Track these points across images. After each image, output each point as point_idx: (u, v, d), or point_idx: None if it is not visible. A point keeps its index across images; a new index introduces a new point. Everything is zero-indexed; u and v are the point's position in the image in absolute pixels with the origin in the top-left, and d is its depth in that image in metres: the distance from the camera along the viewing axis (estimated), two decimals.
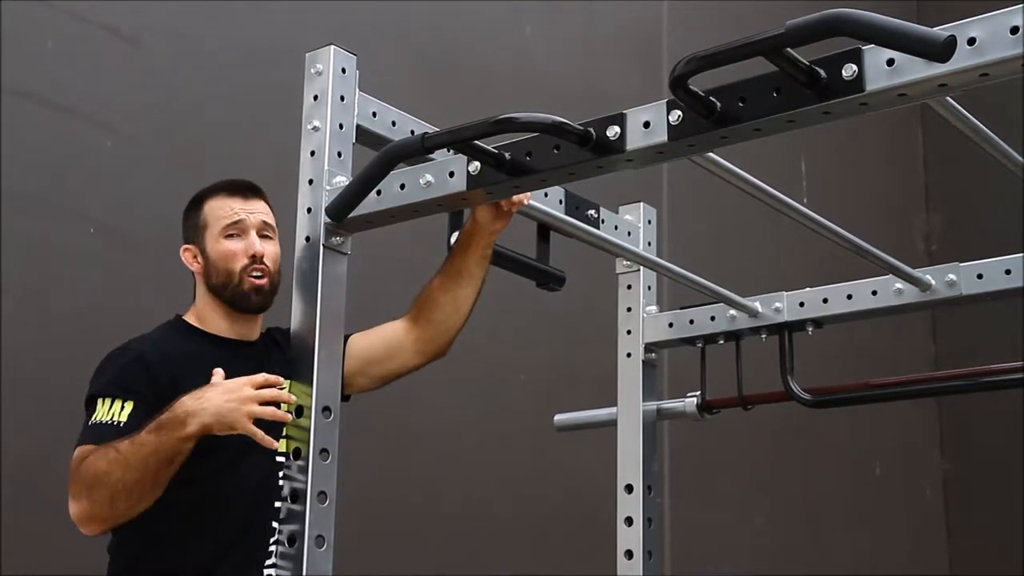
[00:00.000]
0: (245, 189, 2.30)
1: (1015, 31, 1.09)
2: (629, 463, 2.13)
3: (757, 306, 2.14)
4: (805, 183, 5.48)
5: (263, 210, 2.29)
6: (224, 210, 2.26)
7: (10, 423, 2.89)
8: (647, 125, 1.31)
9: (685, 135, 1.28)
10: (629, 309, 2.23)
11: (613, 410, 2.21)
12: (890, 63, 1.15)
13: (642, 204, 2.24)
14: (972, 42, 1.11)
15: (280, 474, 2.10)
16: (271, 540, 2.15)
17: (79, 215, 3.15)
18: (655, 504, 2.11)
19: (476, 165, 1.43)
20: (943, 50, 1.08)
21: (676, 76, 1.21)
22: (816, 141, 5.47)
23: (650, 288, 2.24)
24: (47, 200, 3.10)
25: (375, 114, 1.68)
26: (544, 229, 1.99)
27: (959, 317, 5.81)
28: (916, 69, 1.14)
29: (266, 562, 2.15)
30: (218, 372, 2.01)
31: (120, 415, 2.05)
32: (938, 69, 1.12)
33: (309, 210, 1.56)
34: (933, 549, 5.82)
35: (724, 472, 4.84)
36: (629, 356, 2.21)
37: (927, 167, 6.29)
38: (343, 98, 1.60)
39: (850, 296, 2.08)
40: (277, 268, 2.27)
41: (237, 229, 2.25)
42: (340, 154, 1.58)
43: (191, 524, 2.12)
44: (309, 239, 1.54)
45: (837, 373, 3.16)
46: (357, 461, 2.10)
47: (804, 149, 5.51)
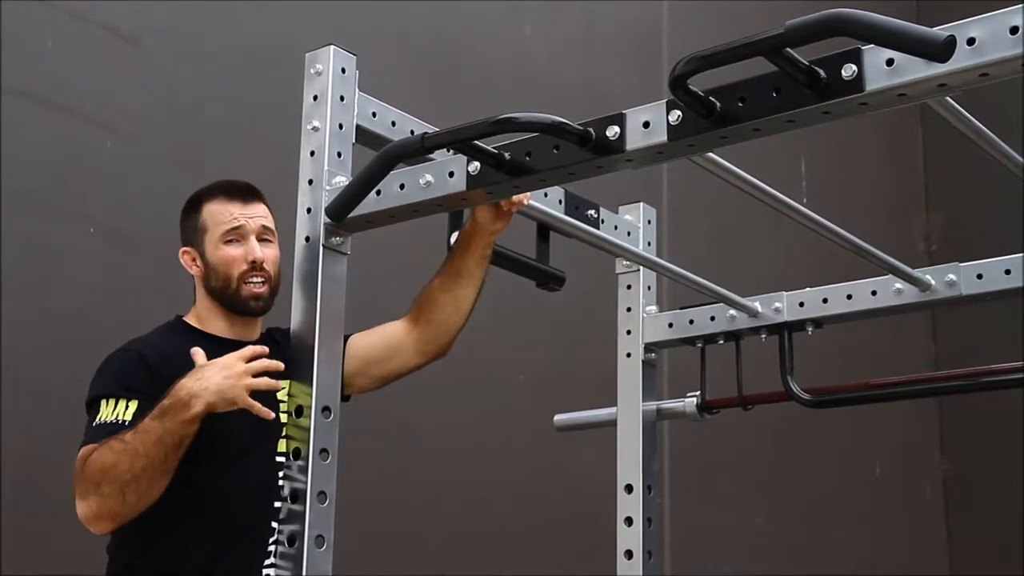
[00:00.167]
0: (244, 192, 2.29)
1: (1015, 31, 1.09)
2: (629, 463, 2.13)
3: (757, 306, 2.14)
4: (805, 183, 5.48)
5: (262, 213, 2.28)
6: (223, 215, 2.25)
7: (10, 423, 2.89)
8: (647, 125, 1.31)
9: (685, 135, 1.28)
10: (629, 309, 2.23)
11: (613, 410, 2.21)
12: (890, 63, 1.15)
13: (642, 204, 2.24)
14: (972, 42, 1.11)
15: (280, 474, 2.11)
16: (271, 540, 2.15)
17: (79, 215, 3.15)
18: (655, 504, 2.11)
19: (476, 165, 1.43)
20: (943, 50, 1.08)
21: (676, 76, 1.21)
22: (816, 141, 5.46)
23: (650, 288, 2.24)
24: (47, 200, 3.10)
25: (375, 114, 1.68)
26: (544, 229, 1.99)
27: (959, 317, 5.81)
28: (916, 69, 1.14)
29: (266, 562, 2.15)
30: (197, 352, 2.04)
31: (125, 414, 2.05)
32: (938, 69, 1.12)
33: (309, 210, 1.56)
34: (933, 549, 5.82)
35: (724, 472, 4.84)
36: (629, 356, 2.20)
37: (927, 167, 6.29)
38: (343, 98, 1.60)
39: (850, 296, 2.08)
40: (277, 271, 2.27)
41: (237, 234, 2.24)
42: (340, 154, 1.58)
43: (190, 525, 2.12)
44: (309, 239, 1.54)
45: (837, 373, 3.16)
46: (357, 461, 2.10)
47: (804, 149, 5.51)
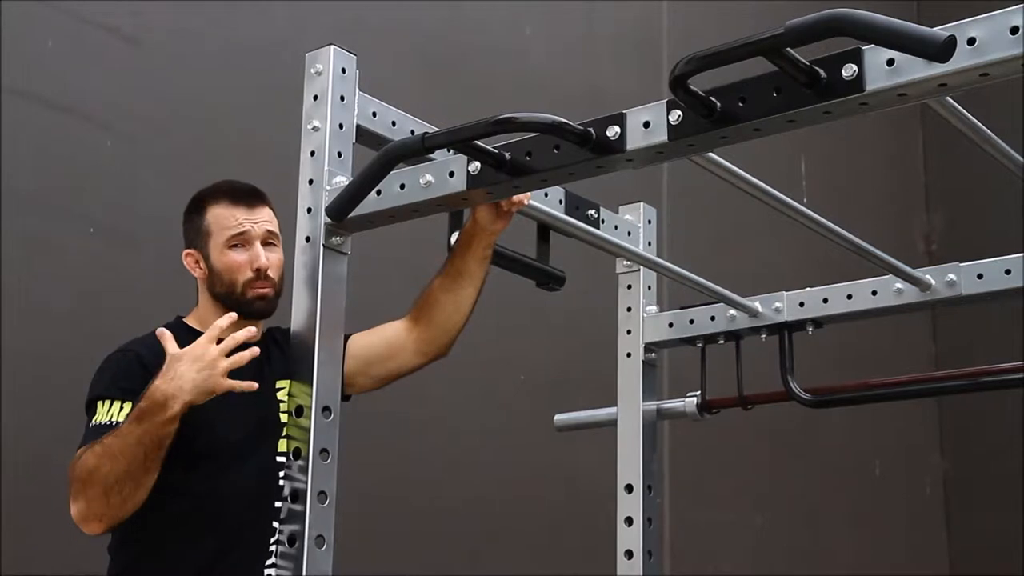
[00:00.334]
0: (250, 196, 2.27)
1: (1015, 31, 1.09)
2: (629, 463, 2.13)
3: (757, 306, 2.14)
4: (805, 183, 5.48)
5: (267, 218, 2.26)
6: (228, 219, 2.23)
7: (10, 423, 2.89)
8: (647, 125, 1.31)
9: (685, 135, 1.28)
10: (629, 309, 2.23)
11: (613, 410, 2.21)
12: (890, 63, 1.15)
13: (642, 204, 2.24)
14: (972, 42, 1.11)
15: (281, 474, 2.11)
16: (271, 540, 2.15)
17: (79, 215, 3.15)
18: (655, 504, 2.11)
19: (476, 165, 1.43)
20: (943, 50, 1.08)
21: (676, 76, 1.21)
22: (816, 141, 5.46)
23: (650, 288, 2.24)
24: (47, 200, 3.10)
25: (375, 114, 1.68)
26: (544, 229, 1.99)
27: (959, 317, 5.80)
28: (916, 69, 1.14)
29: (267, 562, 2.15)
30: (164, 335, 2.01)
31: (118, 416, 2.06)
32: (938, 69, 1.12)
33: (309, 210, 1.56)
34: (933, 549, 5.82)
35: (724, 472, 4.84)
36: (629, 356, 2.21)
37: (927, 167, 6.29)
38: (343, 98, 1.60)
39: (850, 296, 2.08)
40: (280, 276, 2.25)
41: (241, 240, 2.23)
42: (340, 154, 1.58)
43: (189, 526, 2.12)
44: (309, 239, 1.54)
45: (837, 373, 3.16)
46: (357, 461, 2.10)
47: (804, 149, 5.51)
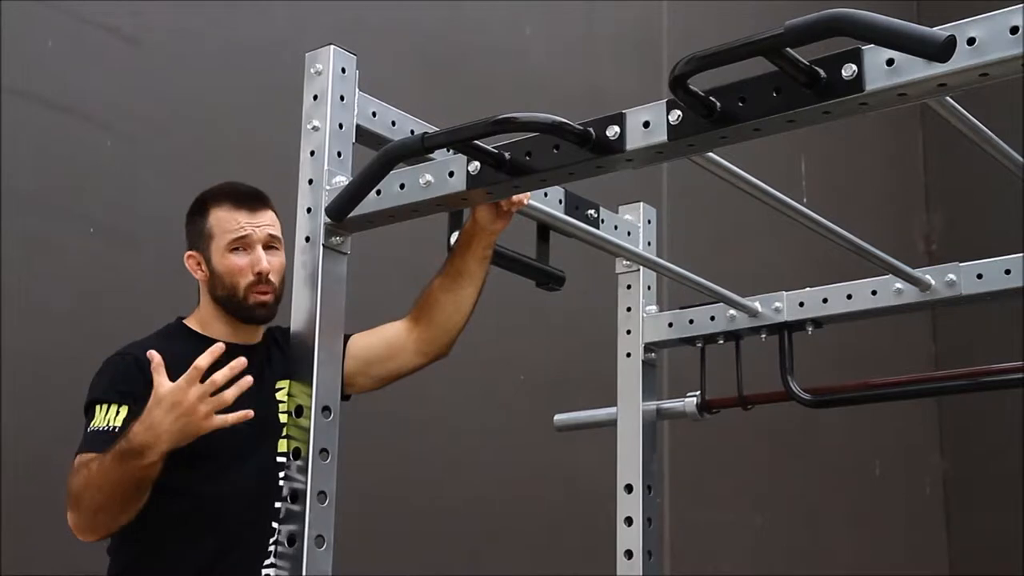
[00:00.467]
0: (252, 200, 2.26)
1: (1015, 31, 1.09)
2: (629, 463, 2.13)
3: (757, 306, 2.14)
4: (805, 183, 5.48)
5: (269, 222, 2.26)
6: (231, 223, 2.23)
7: (10, 423, 2.89)
8: (647, 125, 1.31)
9: (685, 135, 1.28)
10: (629, 309, 2.23)
11: (613, 410, 2.21)
12: (890, 63, 1.15)
13: (642, 204, 2.24)
14: (972, 42, 1.11)
15: (281, 474, 2.11)
16: (271, 540, 2.15)
17: (79, 215, 3.15)
18: (655, 504, 2.11)
19: (476, 165, 1.43)
20: (943, 50, 1.08)
21: (676, 76, 1.21)
22: (816, 141, 5.46)
23: (650, 288, 2.24)
24: (47, 200, 3.10)
25: (375, 114, 1.68)
26: (544, 229, 1.99)
27: (959, 317, 5.80)
28: (916, 69, 1.14)
29: (265, 562, 2.15)
30: (153, 356, 1.94)
31: (115, 420, 2.06)
32: (938, 69, 1.12)
33: (309, 210, 1.56)
34: (933, 549, 5.82)
35: (724, 472, 4.84)
36: (629, 356, 2.20)
37: (927, 167, 6.29)
38: (343, 98, 1.60)
39: (850, 296, 2.08)
40: (282, 279, 2.25)
41: (243, 244, 2.22)
42: (340, 154, 1.58)
43: (189, 526, 2.12)
44: (309, 239, 1.54)
45: (837, 373, 3.16)
46: (357, 461, 2.10)
47: (804, 149, 5.51)
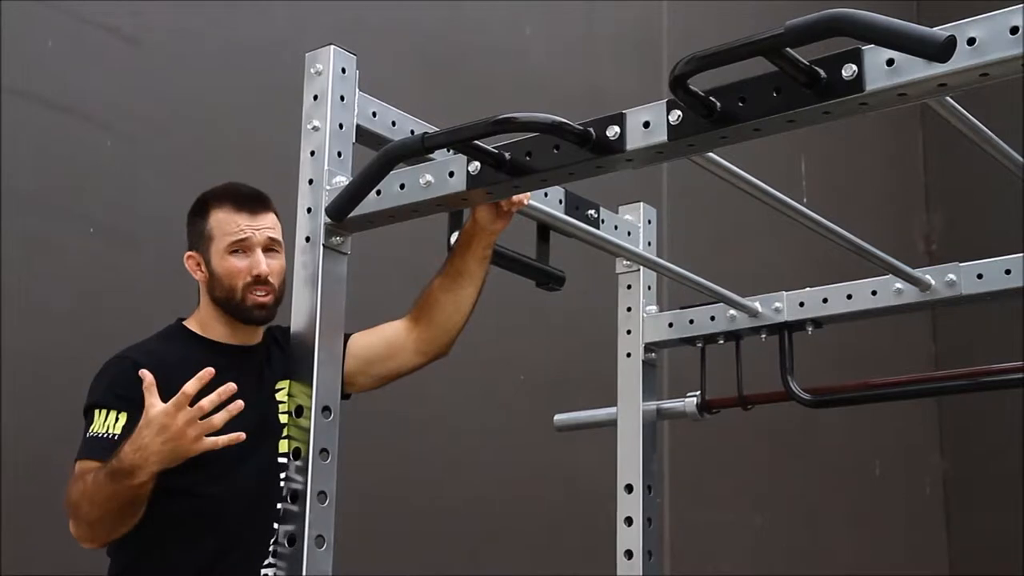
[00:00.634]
0: (253, 202, 2.26)
1: (1015, 31, 1.09)
2: (629, 463, 2.13)
3: (757, 306, 2.14)
4: (805, 183, 5.48)
5: (270, 224, 2.25)
6: (231, 225, 2.22)
7: (10, 423, 2.89)
8: (647, 125, 1.31)
9: (685, 135, 1.28)
10: (629, 309, 2.23)
11: (613, 410, 2.21)
12: (890, 63, 1.15)
13: (642, 204, 2.24)
14: (972, 42, 1.11)
15: (282, 475, 2.10)
16: (271, 541, 2.15)
17: (79, 215, 3.15)
18: (655, 504, 2.12)
19: (476, 165, 1.43)
20: (943, 50, 1.08)
21: (676, 76, 1.21)
22: (816, 141, 5.46)
23: (650, 288, 2.24)
24: (47, 200, 3.10)
25: (375, 114, 1.68)
26: (544, 229, 1.99)
27: (959, 317, 5.80)
28: (916, 69, 1.14)
29: (264, 562, 2.15)
30: (145, 375, 1.91)
31: (115, 427, 2.05)
32: (938, 69, 1.12)
33: (309, 210, 1.56)
34: (933, 549, 5.82)
35: (724, 472, 4.84)
36: (629, 356, 2.21)
37: (927, 167, 6.29)
38: (343, 98, 1.60)
39: (850, 296, 2.08)
40: (282, 282, 2.24)
41: (243, 246, 2.22)
42: (340, 154, 1.58)
43: (189, 528, 2.12)
44: (309, 239, 1.54)
45: (837, 373, 3.16)
46: (357, 461, 2.10)
47: (804, 149, 5.51)
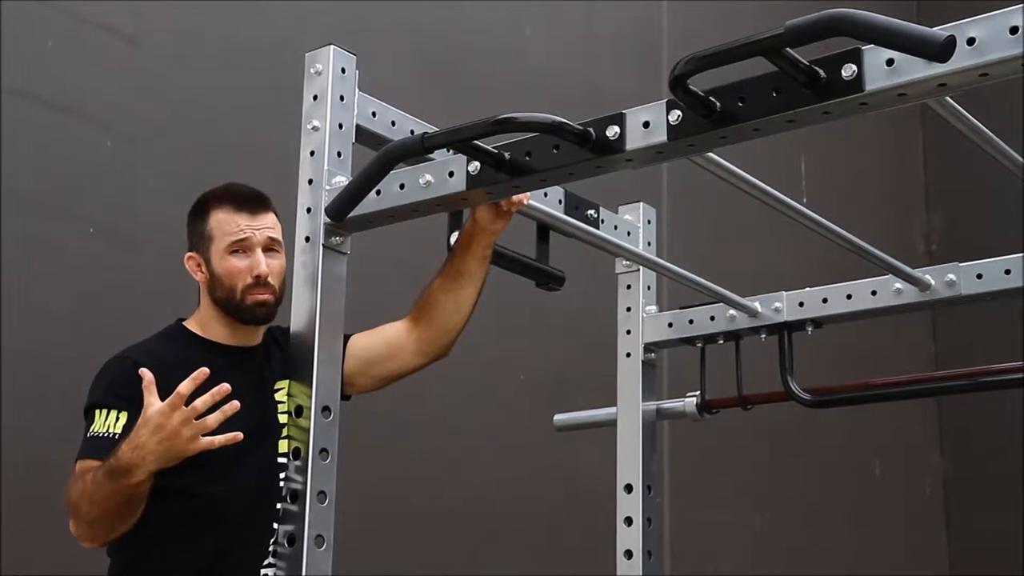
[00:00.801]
0: (253, 202, 2.26)
1: (1015, 31, 1.09)
2: (629, 463, 2.13)
3: (757, 306, 2.14)
4: (805, 183, 5.48)
5: (270, 224, 2.25)
6: (231, 226, 2.22)
7: (10, 423, 2.89)
8: (647, 125, 1.31)
9: (685, 135, 1.29)
10: (629, 309, 2.23)
11: (613, 410, 2.21)
12: (890, 63, 1.15)
13: (642, 204, 2.24)
14: (972, 42, 1.11)
15: (282, 475, 2.11)
16: (271, 541, 2.15)
17: (79, 215, 3.15)
18: (655, 504, 2.12)
19: (476, 165, 1.43)
20: (942, 50, 1.08)
21: (676, 76, 1.21)
22: (816, 141, 5.46)
23: (650, 288, 2.24)
24: (47, 200, 3.10)
25: (375, 114, 1.68)
26: (544, 229, 1.99)
27: (959, 317, 5.80)
28: (916, 69, 1.14)
29: (264, 562, 2.15)
30: (145, 373, 1.90)
31: (115, 427, 2.05)
32: (937, 69, 1.12)
33: (309, 210, 1.56)
34: (933, 549, 5.82)
35: (724, 472, 4.84)
36: (629, 356, 2.21)
37: (927, 167, 6.29)
38: (343, 98, 1.60)
39: (850, 296, 2.08)
40: (282, 282, 2.25)
41: (243, 246, 2.22)
42: (340, 154, 1.58)
43: (189, 528, 2.12)
44: (309, 239, 1.54)
45: (837, 373, 3.16)
46: (357, 461, 2.10)
47: (804, 149, 5.51)
